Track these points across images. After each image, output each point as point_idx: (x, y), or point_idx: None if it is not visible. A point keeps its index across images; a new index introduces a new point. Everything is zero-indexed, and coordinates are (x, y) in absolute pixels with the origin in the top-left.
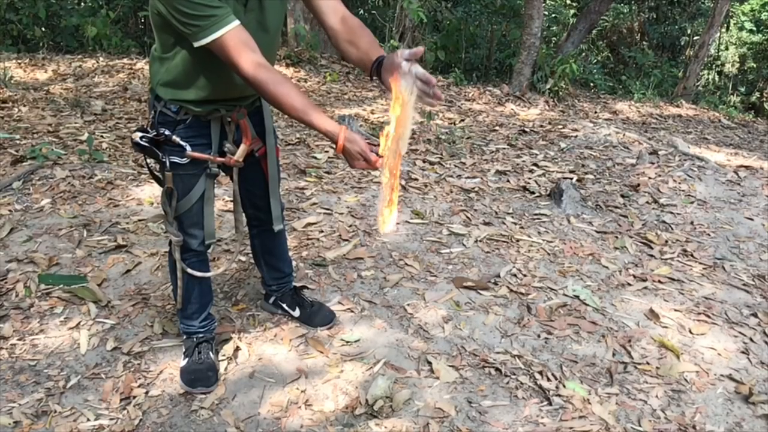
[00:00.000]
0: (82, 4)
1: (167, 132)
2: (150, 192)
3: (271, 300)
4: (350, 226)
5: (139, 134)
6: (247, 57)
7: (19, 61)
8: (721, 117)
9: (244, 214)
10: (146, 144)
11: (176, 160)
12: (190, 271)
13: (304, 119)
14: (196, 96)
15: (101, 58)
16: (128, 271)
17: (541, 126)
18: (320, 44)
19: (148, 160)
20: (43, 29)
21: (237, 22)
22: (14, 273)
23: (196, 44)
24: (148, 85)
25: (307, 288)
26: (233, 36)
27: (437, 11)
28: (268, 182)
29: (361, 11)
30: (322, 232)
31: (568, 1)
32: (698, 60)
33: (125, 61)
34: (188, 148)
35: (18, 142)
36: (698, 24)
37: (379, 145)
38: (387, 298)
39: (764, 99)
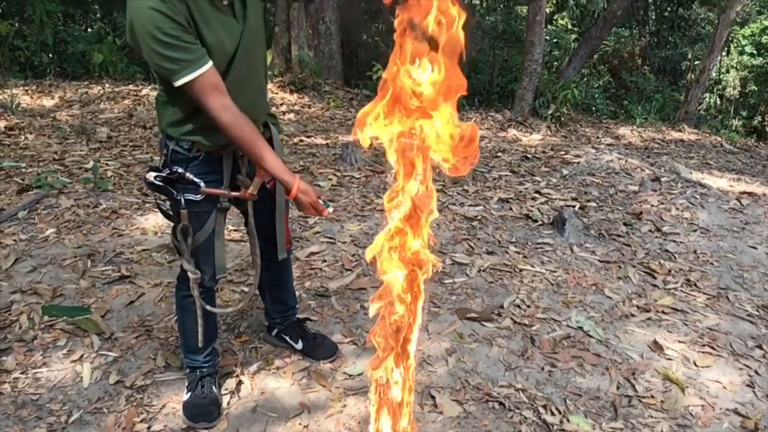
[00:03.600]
0: (89, 30)
1: (180, 170)
2: (154, 221)
3: (274, 332)
4: (353, 255)
5: (153, 174)
6: (215, 100)
7: (26, 87)
8: (723, 141)
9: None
10: (160, 183)
11: (191, 197)
12: (208, 308)
13: (262, 164)
14: (206, 131)
15: (107, 85)
16: (132, 302)
17: (544, 152)
18: (324, 71)
19: (158, 198)
20: (51, 55)
21: (209, 66)
22: (18, 304)
23: (174, 84)
24: (158, 127)
25: (309, 320)
26: (204, 80)
27: None
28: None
29: (365, 36)
30: (325, 261)
31: (570, 27)
32: (699, 84)
33: (131, 87)
34: (202, 184)
35: (24, 170)
36: (699, 48)
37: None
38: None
39: (766, 123)
